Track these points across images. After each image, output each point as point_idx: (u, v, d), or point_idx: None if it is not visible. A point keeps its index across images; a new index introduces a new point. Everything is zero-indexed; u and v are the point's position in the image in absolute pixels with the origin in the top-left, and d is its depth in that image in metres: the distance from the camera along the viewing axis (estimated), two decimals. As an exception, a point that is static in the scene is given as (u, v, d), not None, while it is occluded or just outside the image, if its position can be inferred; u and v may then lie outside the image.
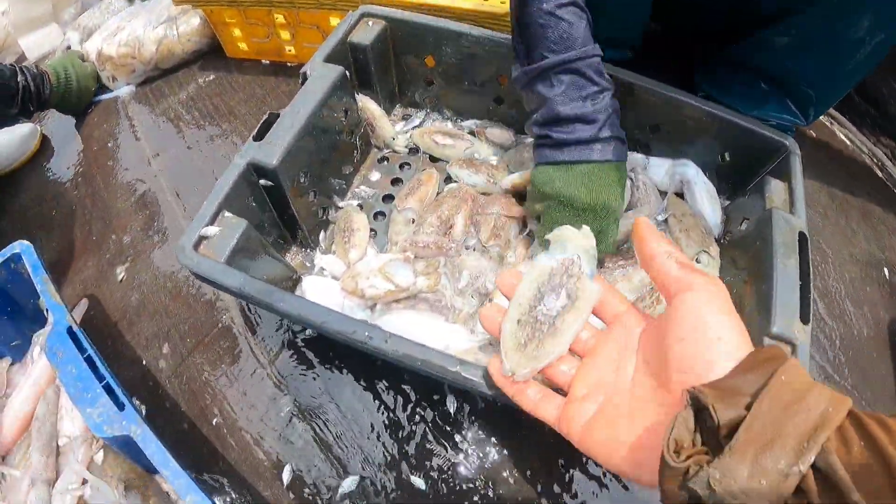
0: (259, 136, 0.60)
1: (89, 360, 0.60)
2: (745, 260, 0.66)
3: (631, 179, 0.74)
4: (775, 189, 0.67)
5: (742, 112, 0.88)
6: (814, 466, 0.23)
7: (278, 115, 0.61)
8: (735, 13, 0.84)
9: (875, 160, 0.98)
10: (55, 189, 0.88)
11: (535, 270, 0.42)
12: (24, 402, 0.65)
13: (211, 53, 1.01)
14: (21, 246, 0.67)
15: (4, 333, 0.71)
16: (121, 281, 0.78)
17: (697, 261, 0.70)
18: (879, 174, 0.97)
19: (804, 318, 0.51)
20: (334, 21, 0.85)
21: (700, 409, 0.26)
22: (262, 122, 0.61)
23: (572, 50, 0.56)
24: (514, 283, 0.44)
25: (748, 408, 0.25)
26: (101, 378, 0.59)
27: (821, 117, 1.02)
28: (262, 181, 0.60)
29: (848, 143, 1.00)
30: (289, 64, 0.99)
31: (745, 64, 0.86)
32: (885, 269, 0.86)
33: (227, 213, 0.57)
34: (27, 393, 0.66)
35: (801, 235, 0.61)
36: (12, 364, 0.71)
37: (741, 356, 0.29)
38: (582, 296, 0.41)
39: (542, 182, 0.61)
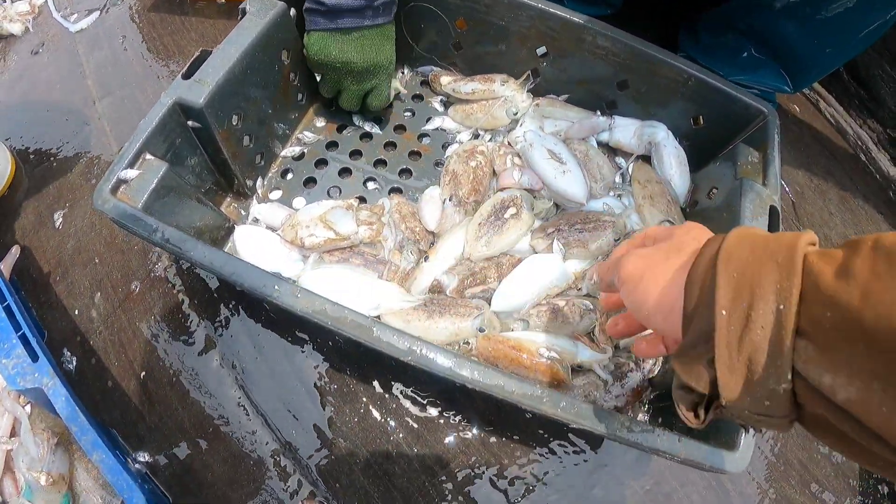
0: (188, 74, 0.55)
1: (7, 310, 0.58)
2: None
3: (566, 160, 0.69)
4: (749, 157, 0.63)
5: (724, 76, 0.83)
6: None
7: (210, 53, 0.56)
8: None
9: (860, 143, 0.94)
10: (-3, 129, 0.83)
11: None
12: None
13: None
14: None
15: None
16: (58, 227, 0.74)
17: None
18: (863, 158, 0.93)
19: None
20: (293, -42, 0.78)
21: None
22: (192, 58, 0.56)
23: None
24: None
25: None
26: (17, 328, 0.57)
27: (807, 92, 0.97)
28: (190, 122, 0.56)
29: (833, 123, 0.95)
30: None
31: (735, 25, 0.81)
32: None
33: (148, 156, 0.53)
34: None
35: (773, 209, 0.58)
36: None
37: None
38: None
39: (317, 51, 0.63)
